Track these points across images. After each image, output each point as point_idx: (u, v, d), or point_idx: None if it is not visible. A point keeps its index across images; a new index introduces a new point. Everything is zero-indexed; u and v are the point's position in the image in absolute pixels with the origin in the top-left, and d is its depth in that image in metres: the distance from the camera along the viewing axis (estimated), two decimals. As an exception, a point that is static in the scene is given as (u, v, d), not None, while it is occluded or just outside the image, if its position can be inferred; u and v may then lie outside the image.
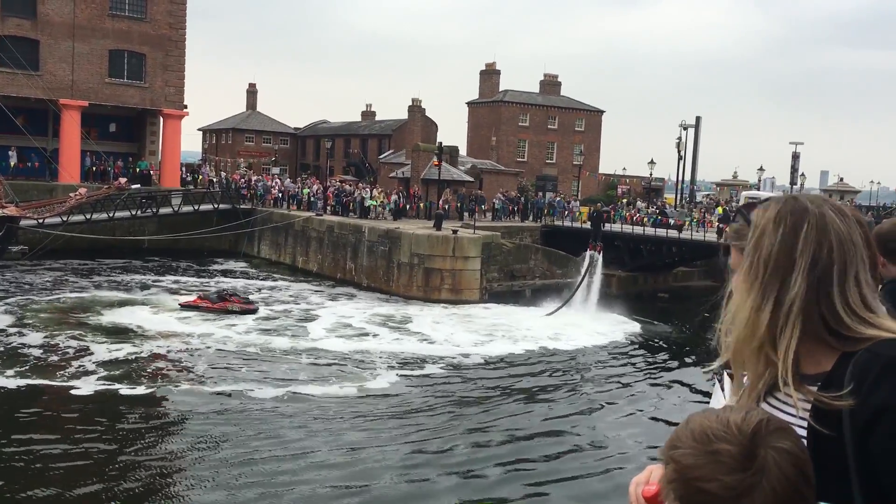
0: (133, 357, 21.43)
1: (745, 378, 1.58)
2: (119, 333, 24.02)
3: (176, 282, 34.73)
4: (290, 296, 32.57)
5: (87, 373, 19.58)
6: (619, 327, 29.50)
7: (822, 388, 1.42)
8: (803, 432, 1.42)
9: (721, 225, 36.90)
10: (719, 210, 43.41)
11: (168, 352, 22.48)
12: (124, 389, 18.36)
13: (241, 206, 43.89)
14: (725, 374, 1.97)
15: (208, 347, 22.92)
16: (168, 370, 20.77)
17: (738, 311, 1.51)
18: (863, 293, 1.44)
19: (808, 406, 1.44)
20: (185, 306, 28.12)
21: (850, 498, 1.35)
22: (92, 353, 21.45)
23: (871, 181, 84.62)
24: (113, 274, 35.28)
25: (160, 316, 26.79)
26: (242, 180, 48.68)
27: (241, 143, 79.55)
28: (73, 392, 18.05)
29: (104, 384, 18.67)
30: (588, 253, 33.31)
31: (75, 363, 20.41)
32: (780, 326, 1.45)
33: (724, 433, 1.21)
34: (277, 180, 50.35)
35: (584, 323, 29.73)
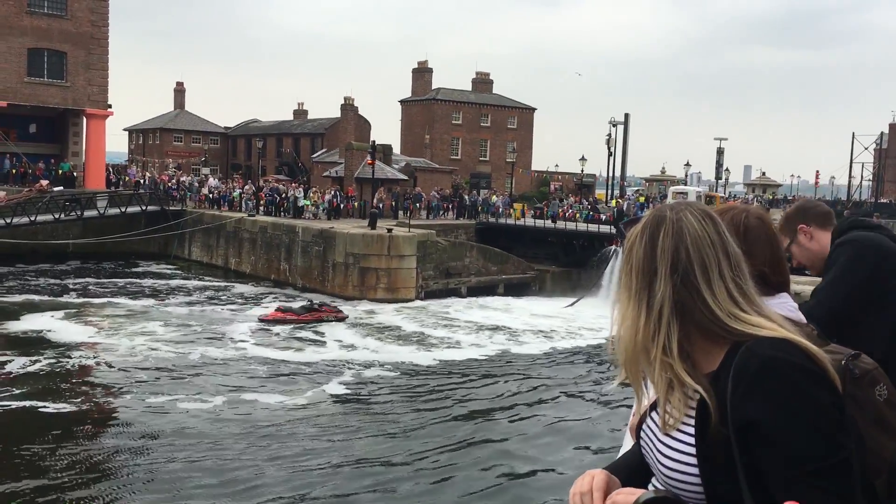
0: (58, 370, 20.49)
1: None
2: (36, 344, 22.97)
3: (99, 284, 33.77)
4: (241, 299, 31.80)
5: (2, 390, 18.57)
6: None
7: (712, 383, 1.47)
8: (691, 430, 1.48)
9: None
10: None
11: (96, 363, 21.68)
12: (46, 406, 17.50)
13: (171, 208, 42.88)
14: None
15: (140, 358, 22.23)
16: (95, 383, 20.03)
17: (622, 322, 1.57)
18: (728, 288, 1.50)
19: (694, 403, 1.49)
20: (266, 321, 27.18)
21: (739, 493, 1.40)
22: (8, 367, 20.38)
23: (792, 175, 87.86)
24: (29, 279, 34.05)
25: (77, 325, 25.84)
26: (171, 181, 47.55)
27: (170, 143, 77.68)
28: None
29: (24, 401, 17.77)
30: (612, 248, 35.35)
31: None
32: (652, 331, 1.51)
33: None
34: (208, 178, 49.30)
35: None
